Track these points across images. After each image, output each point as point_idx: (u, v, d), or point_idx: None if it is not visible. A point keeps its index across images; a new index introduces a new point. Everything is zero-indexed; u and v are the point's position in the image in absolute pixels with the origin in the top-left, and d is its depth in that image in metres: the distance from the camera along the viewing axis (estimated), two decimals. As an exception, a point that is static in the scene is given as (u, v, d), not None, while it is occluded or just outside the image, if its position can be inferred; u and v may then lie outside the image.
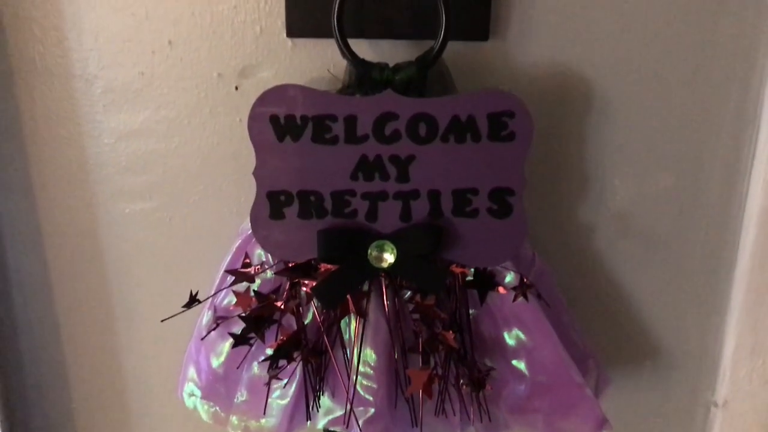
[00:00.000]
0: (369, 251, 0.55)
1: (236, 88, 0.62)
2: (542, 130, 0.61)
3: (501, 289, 0.57)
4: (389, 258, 0.55)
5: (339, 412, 0.60)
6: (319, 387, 0.60)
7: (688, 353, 0.70)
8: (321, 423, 0.61)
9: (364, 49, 0.58)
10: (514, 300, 0.56)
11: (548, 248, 0.65)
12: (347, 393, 0.58)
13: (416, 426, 0.60)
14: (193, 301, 0.57)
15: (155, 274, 0.68)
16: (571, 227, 0.66)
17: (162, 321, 0.58)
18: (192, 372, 0.62)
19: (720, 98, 0.62)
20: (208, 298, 0.59)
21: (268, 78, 0.61)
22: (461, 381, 0.58)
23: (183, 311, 0.57)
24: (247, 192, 0.60)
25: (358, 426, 0.58)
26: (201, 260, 0.66)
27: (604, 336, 0.69)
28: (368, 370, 0.58)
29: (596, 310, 0.69)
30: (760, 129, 0.62)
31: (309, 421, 0.61)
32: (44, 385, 0.72)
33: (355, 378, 0.57)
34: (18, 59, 0.61)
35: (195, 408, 0.63)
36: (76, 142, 0.63)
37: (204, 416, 0.62)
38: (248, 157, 0.56)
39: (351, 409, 0.57)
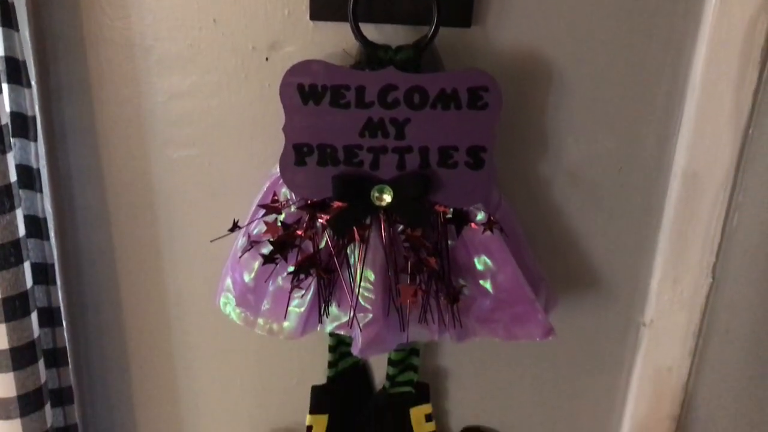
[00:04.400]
0: (372, 193, 0.70)
1: (266, 59, 0.75)
2: (511, 100, 0.74)
3: (473, 225, 0.72)
4: (387, 198, 0.70)
5: (344, 319, 0.74)
6: (329, 299, 0.75)
7: (623, 282, 0.85)
8: (329, 327, 0.76)
9: (371, 31, 0.71)
10: (483, 233, 0.71)
11: (513, 195, 0.79)
12: (351, 302, 0.73)
13: (404, 330, 0.76)
14: (235, 226, 0.72)
15: (196, 207, 0.81)
16: (532, 179, 0.80)
17: (211, 241, 0.73)
18: (228, 284, 0.77)
19: (655, 78, 0.76)
20: (245, 225, 0.74)
21: (292, 52, 0.74)
22: (440, 295, 0.74)
23: (227, 234, 0.72)
24: (272, 143, 0.73)
25: (359, 328, 0.74)
26: (233, 196, 0.80)
27: (556, 267, 0.84)
28: (368, 285, 0.73)
29: (550, 246, 0.83)
30: (685, 102, 0.76)
31: (320, 325, 0.76)
32: (99, 296, 0.86)
33: (357, 291, 0.73)
34: (89, 31, 0.74)
35: (229, 313, 0.78)
36: (134, 99, 0.77)
37: (236, 319, 0.77)
38: (274, 115, 0.69)
39: (354, 314, 0.73)
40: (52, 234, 0.79)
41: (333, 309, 0.75)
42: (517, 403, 0.92)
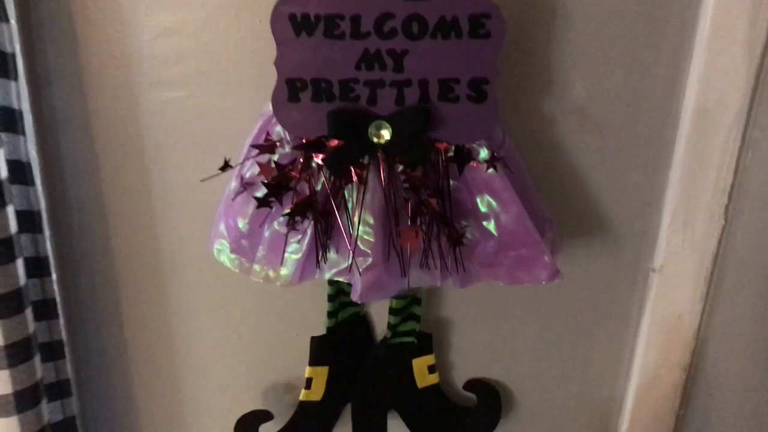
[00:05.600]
0: (369, 130, 0.67)
1: (257, -7, 0.72)
2: (513, 36, 0.71)
3: (475, 164, 0.69)
4: (386, 135, 0.67)
5: (343, 265, 0.72)
6: (327, 243, 0.72)
7: (631, 225, 0.82)
8: (328, 274, 0.74)
9: (366, -41, 0.68)
10: (486, 170, 0.68)
11: (517, 136, 0.75)
12: (350, 246, 0.70)
13: (404, 276, 0.73)
14: (226, 165, 0.69)
15: (186, 152, 0.78)
16: (537, 118, 0.76)
17: (202, 180, 0.70)
18: (222, 230, 0.74)
19: (664, 10, 0.72)
20: (237, 165, 0.71)
21: (285, -16, 0.71)
22: (442, 238, 0.71)
23: (219, 174, 0.69)
24: (266, 82, 0.69)
25: (359, 272, 0.71)
26: (225, 140, 0.76)
27: (562, 212, 0.80)
28: (367, 229, 0.70)
29: (555, 188, 0.79)
30: (696, 34, 0.73)
31: (318, 272, 0.73)
32: (90, 246, 0.84)
33: (356, 234, 0.70)
34: (70, -35, 0.71)
35: (223, 261, 0.75)
36: (120, 38, 0.73)
37: (231, 266, 0.75)
38: (266, 53, 0.66)
39: (353, 258, 0.70)
40: (38, 181, 0.75)
41: (332, 255, 0.72)
42: (522, 354, 0.90)
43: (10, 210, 0.69)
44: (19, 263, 0.70)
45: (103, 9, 0.73)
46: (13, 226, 0.69)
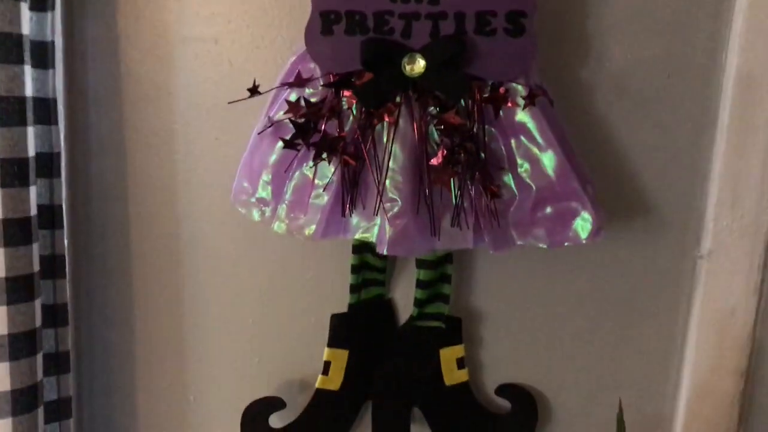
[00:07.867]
0: (403, 62, 0.66)
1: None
2: (548, 2, 0.71)
3: (512, 103, 0.66)
4: (420, 67, 0.65)
5: (370, 222, 0.68)
6: (354, 192, 0.68)
7: (674, 206, 0.77)
8: (355, 234, 0.70)
9: None
10: (525, 107, 0.66)
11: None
12: (378, 189, 0.67)
13: (434, 235, 0.68)
14: (254, 90, 0.67)
15: (215, 103, 0.76)
16: (572, 88, 0.74)
17: (229, 103, 0.68)
18: (245, 180, 0.72)
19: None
20: (268, 91, 0.69)
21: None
22: (475, 194, 0.67)
23: (247, 98, 0.67)
24: (298, 45, 0.69)
25: (386, 219, 0.66)
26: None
27: (600, 194, 0.72)
28: (396, 175, 0.66)
29: (594, 167, 0.74)
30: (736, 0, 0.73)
31: (343, 226, 0.70)
32: (106, 191, 0.81)
33: (384, 176, 0.66)
34: None
35: (245, 211, 0.72)
36: (156, -3, 0.75)
37: (250, 216, 0.72)
38: (302, 17, 0.66)
39: (381, 202, 0.66)
40: (61, 118, 0.74)
41: (358, 212, 0.69)
42: (560, 354, 0.81)
43: (30, 131, 0.67)
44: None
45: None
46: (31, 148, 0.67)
